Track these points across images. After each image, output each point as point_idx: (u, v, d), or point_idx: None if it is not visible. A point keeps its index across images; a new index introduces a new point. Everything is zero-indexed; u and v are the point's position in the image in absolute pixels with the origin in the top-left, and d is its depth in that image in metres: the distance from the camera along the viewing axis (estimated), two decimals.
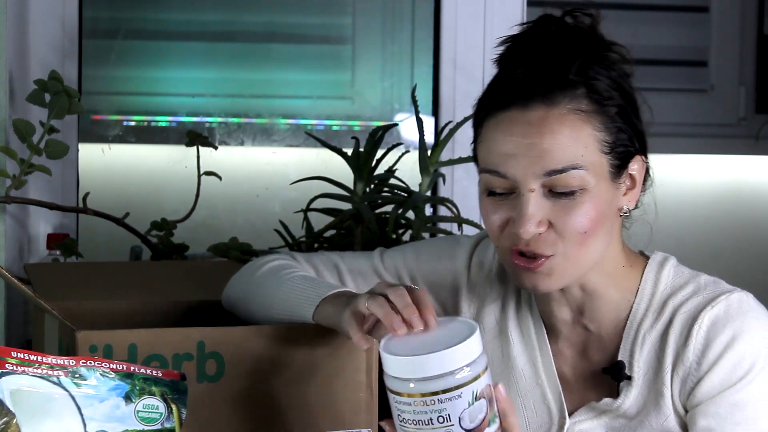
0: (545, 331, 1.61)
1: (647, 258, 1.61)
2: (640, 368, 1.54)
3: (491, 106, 1.51)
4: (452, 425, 1.31)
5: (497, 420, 1.34)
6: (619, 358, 1.55)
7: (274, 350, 1.51)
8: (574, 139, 1.46)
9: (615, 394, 1.56)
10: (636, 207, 1.57)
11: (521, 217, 1.47)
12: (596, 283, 1.55)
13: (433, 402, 1.30)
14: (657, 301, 1.56)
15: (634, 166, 1.53)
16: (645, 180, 1.57)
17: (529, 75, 1.49)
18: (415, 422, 1.32)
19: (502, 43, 1.55)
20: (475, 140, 1.54)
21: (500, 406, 1.35)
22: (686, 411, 1.52)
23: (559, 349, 1.61)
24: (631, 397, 1.54)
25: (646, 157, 1.56)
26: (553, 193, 1.47)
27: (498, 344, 1.65)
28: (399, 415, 1.34)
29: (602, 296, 1.56)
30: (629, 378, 1.54)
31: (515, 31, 1.55)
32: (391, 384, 1.33)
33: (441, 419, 1.31)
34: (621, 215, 1.55)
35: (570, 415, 1.59)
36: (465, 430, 1.31)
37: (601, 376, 1.57)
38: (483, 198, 1.53)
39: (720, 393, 1.49)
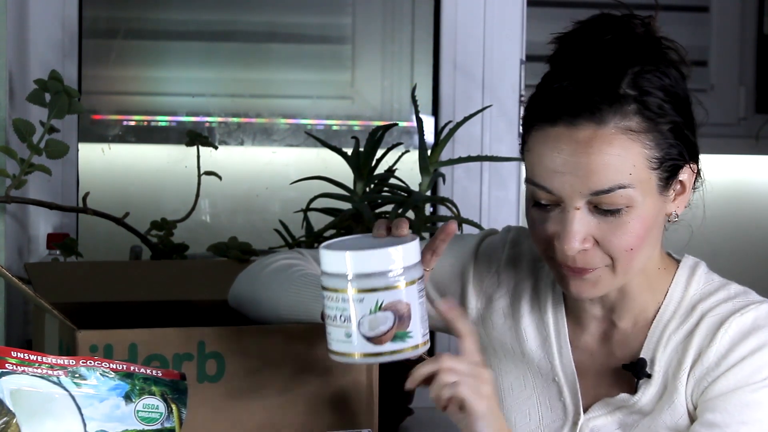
0: (567, 326, 1.61)
1: (676, 260, 1.60)
2: (661, 367, 1.54)
3: (539, 116, 1.48)
4: (350, 326, 1.33)
5: (409, 340, 1.34)
6: (642, 356, 1.55)
7: (275, 350, 1.51)
8: (622, 159, 1.44)
9: (632, 390, 1.55)
10: (686, 207, 1.56)
11: (566, 234, 1.46)
12: (633, 284, 1.55)
13: (337, 299, 1.33)
14: (686, 304, 1.56)
15: (684, 174, 1.52)
16: (697, 179, 1.56)
17: (578, 88, 1.45)
18: (327, 316, 1.35)
19: (554, 41, 1.51)
20: (523, 144, 1.52)
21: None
22: (696, 409, 1.52)
23: (581, 342, 1.60)
24: (648, 395, 1.54)
25: (697, 163, 1.54)
26: (599, 210, 1.46)
27: (509, 339, 1.64)
28: (323, 307, 1.36)
29: (636, 297, 1.56)
30: (649, 376, 1.54)
31: (570, 27, 1.51)
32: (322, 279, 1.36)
33: (342, 318, 1.33)
34: (669, 221, 1.54)
35: (584, 411, 1.59)
36: (363, 336, 1.32)
37: (620, 371, 1.57)
38: (529, 207, 1.51)
39: (733, 391, 1.48)
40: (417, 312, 1.34)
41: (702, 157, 1.58)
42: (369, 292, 1.32)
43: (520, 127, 1.53)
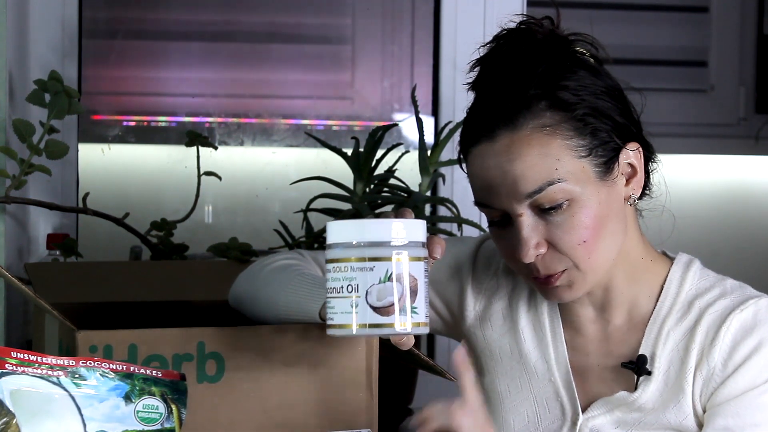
0: (562, 326, 1.61)
1: (670, 258, 1.60)
2: (661, 364, 1.54)
3: (465, 142, 1.52)
4: (359, 297, 1.31)
5: (414, 316, 1.32)
6: (641, 353, 1.55)
7: (274, 350, 1.51)
8: (543, 156, 1.46)
9: (631, 388, 1.55)
10: (647, 190, 1.56)
11: (518, 243, 1.48)
12: (617, 278, 1.56)
13: (345, 269, 1.31)
14: (682, 300, 1.56)
15: (628, 155, 1.52)
16: (651, 161, 1.56)
17: (490, 104, 1.49)
18: (330, 289, 1.33)
19: (471, 69, 1.54)
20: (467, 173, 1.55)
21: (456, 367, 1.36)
22: (704, 411, 1.52)
23: (577, 343, 1.61)
24: (648, 392, 1.54)
25: (641, 142, 1.54)
26: (543, 210, 1.47)
27: (507, 341, 1.65)
28: (326, 282, 1.35)
29: (624, 292, 1.57)
30: (649, 373, 1.54)
31: (482, 52, 1.54)
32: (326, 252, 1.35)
33: (350, 288, 1.31)
34: (631, 205, 1.54)
35: (583, 410, 1.58)
36: (371, 306, 1.31)
37: (618, 369, 1.57)
38: (489, 228, 1.55)
39: (743, 394, 1.49)
40: (423, 290, 1.33)
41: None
42: (379, 261, 1.30)
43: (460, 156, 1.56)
